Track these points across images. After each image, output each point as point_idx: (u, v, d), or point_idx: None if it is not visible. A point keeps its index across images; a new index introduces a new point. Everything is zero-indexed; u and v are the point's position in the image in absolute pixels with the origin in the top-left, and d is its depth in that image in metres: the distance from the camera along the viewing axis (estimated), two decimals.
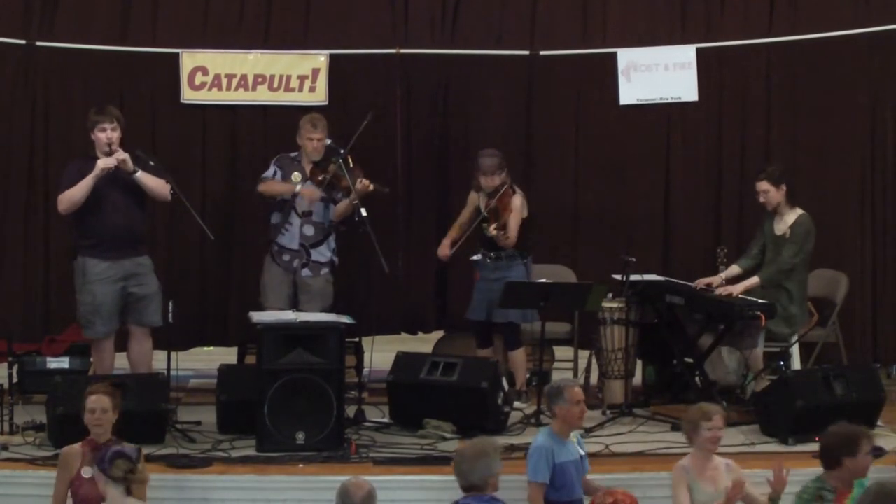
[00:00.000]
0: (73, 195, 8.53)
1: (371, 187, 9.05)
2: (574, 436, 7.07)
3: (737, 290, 9.01)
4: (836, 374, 8.56)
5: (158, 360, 8.72)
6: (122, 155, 8.53)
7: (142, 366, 8.72)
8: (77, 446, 6.92)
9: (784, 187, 9.15)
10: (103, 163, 8.52)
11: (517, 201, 9.17)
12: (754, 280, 9.08)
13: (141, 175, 8.62)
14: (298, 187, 9.21)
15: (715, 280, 9.16)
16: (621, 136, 10.26)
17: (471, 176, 9.37)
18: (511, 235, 9.08)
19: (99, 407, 6.88)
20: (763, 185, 9.16)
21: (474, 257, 9.28)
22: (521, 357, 9.33)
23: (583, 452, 7.05)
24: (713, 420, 6.79)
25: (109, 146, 8.56)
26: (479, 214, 9.21)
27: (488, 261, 9.23)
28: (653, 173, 10.29)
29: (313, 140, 9.21)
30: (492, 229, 9.00)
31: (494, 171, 9.14)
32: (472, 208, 9.38)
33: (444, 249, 9.32)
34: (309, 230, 9.30)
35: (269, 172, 9.33)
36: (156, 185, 8.68)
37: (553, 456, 6.79)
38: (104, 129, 8.58)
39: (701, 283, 9.19)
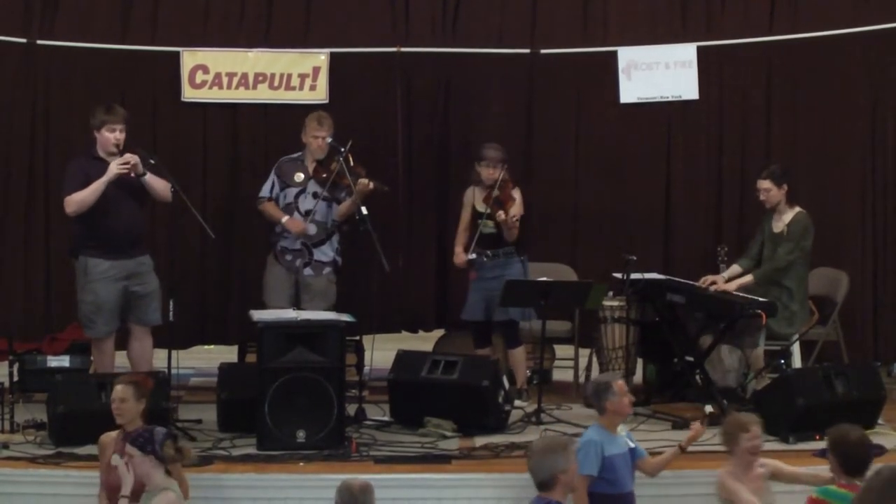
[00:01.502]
0: (85, 198, 8.44)
1: (371, 186, 9.04)
2: (622, 429, 7.05)
3: (730, 287, 8.99)
4: (837, 372, 8.56)
5: (159, 359, 8.72)
6: (134, 159, 8.46)
7: (142, 364, 8.70)
8: (113, 434, 6.88)
9: (785, 187, 9.15)
10: (117, 167, 8.43)
11: (518, 195, 9.17)
12: (748, 278, 9.07)
13: (149, 178, 8.59)
14: (284, 219, 9.19)
15: (718, 279, 9.14)
16: (621, 135, 10.26)
17: (469, 172, 9.36)
18: (517, 226, 9.07)
19: (118, 397, 6.85)
20: (765, 184, 9.16)
21: (470, 256, 9.21)
22: (521, 355, 9.32)
23: (633, 444, 7.03)
24: (751, 430, 6.70)
25: (117, 147, 8.53)
26: (479, 212, 9.20)
27: (485, 259, 9.20)
28: (653, 172, 10.28)
29: (318, 138, 9.21)
30: (501, 214, 8.97)
31: (498, 162, 9.14)
32: (469, 208, 9.35)
33: (460, 257, 9.26)
34: (311, 229, 9.27)
35: (267, 187, 9.31)
36: (160, 186, 8.63)
37: (603, 450, 6.78)
38: (113, 130, 8.53)
39: (706, 280, 9.15)
